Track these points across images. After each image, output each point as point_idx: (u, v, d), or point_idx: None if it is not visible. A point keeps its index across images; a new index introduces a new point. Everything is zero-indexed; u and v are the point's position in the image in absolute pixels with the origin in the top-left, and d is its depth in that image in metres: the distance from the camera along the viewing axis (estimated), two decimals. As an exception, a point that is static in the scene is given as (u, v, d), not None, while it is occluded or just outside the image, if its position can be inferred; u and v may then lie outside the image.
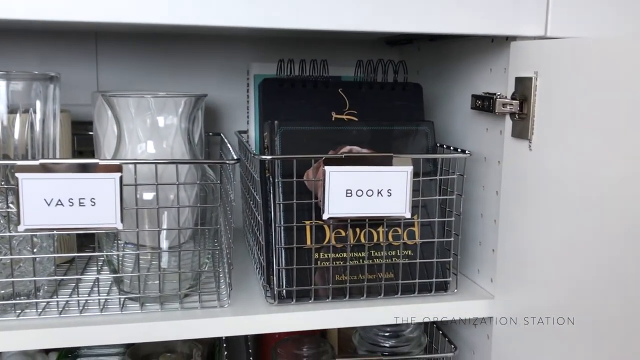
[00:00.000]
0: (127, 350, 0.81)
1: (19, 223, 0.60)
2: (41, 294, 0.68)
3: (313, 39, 1.03)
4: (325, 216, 0.67)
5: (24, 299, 0.67)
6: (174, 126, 0.69)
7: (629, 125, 0.53)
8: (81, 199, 0.61)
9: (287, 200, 0.71)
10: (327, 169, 0.66)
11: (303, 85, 0.79)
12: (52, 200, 0.60)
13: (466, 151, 0.73)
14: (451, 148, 0.77)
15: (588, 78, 0.58)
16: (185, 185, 0.69)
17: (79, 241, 0.88)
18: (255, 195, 0.75)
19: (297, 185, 0.70)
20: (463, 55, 0.82)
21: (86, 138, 0.90)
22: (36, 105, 0.67)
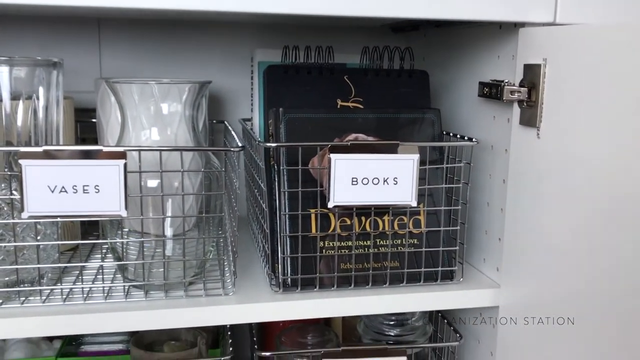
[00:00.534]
0: (132, 338, 0.81)
1: (22, 210, 0.60)
2: (45, 282, 0.68)
3: (318, 26, 1.02)
4: (330, 204, 0.67)
5: (28, 286, 0.67)
6: (178, 113, 0.69)
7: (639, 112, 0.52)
8: (85, 186, 0.60)
9: (292, 188, 0.70)
10: (333, 156, 0.66)
11: (308, 72, 0.78)
12: (56, 187, 0.60)
13: (473, 139, 0.73)
14: (458, 136, 0.76)
15: (598, 65, 0.57)
16: (190, 173, 0.69)
17: (83, 228, 0.88)
18: (260, 183, 0.74)
19: (302, 173, 0.69)
20: (470, 42, 0.81)
21: (89, 125, 0.89)
22: (39, 92, 0.66)
